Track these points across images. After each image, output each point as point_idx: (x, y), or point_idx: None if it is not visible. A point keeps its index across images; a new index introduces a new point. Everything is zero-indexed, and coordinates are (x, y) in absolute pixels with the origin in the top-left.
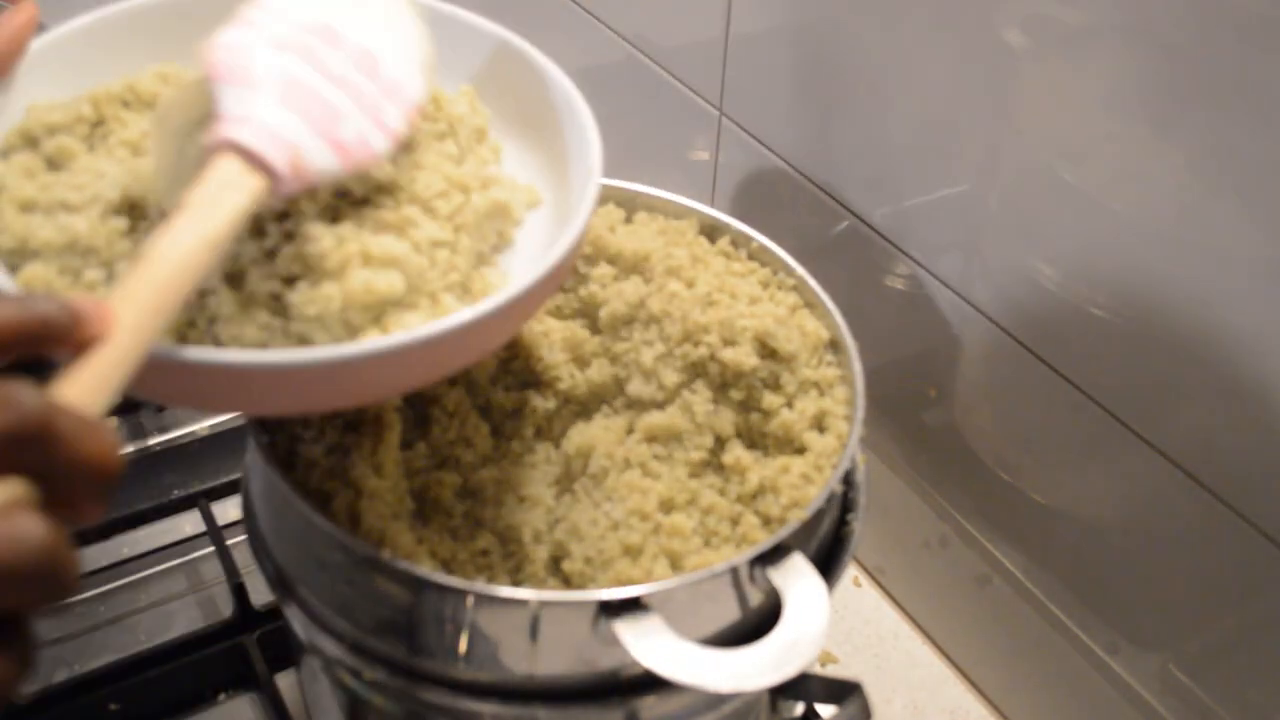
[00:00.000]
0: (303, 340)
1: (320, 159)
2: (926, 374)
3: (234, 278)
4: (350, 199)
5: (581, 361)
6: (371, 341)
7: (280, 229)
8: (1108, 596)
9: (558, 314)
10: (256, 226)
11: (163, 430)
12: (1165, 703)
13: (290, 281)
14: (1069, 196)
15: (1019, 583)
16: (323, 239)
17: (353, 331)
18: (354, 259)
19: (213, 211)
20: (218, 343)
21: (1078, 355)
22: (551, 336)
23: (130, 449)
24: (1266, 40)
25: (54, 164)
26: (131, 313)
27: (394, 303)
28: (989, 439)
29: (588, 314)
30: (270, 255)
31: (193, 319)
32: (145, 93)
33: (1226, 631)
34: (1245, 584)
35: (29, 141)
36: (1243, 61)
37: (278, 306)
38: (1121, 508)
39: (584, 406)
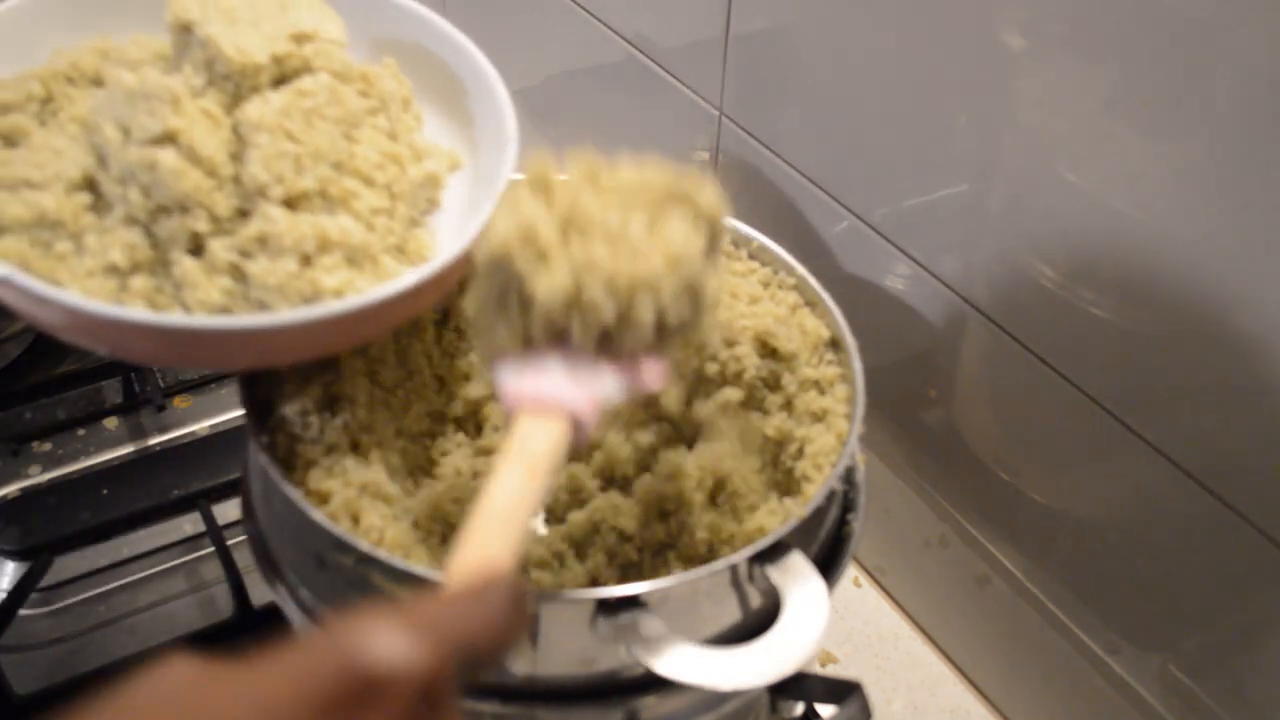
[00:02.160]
0: (261, 305)
1: (613, 389)
2: (926, 374)
3: (196, 249)
4: (304, 190)
5: None
6: (331, 305)
7: (237, 211)
8: (1108, 596)
9: None
10: (212, 215)
11: (163, 430)
12: (1165, 703)
13: (247, 254)
14: (1069, 196)
15: (1019, 583)
16: (279, 220)
17: (305, 297)
18: (307, 238)
19: (537, 461)
20: (185, 307)
21: (1078, 355)
22: None
23: (130, 449)
24: (1267, 41)
25: (9, 141)
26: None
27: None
28: (989, 439)
29: None
30: (228, 232)
31: (159, 285)
32: (88, 69)
33: (1226, 631)
34: (1245, 584)
35: None
36: (1242, 61)
37: (237, 274)
38: (1121, 508)
39: None
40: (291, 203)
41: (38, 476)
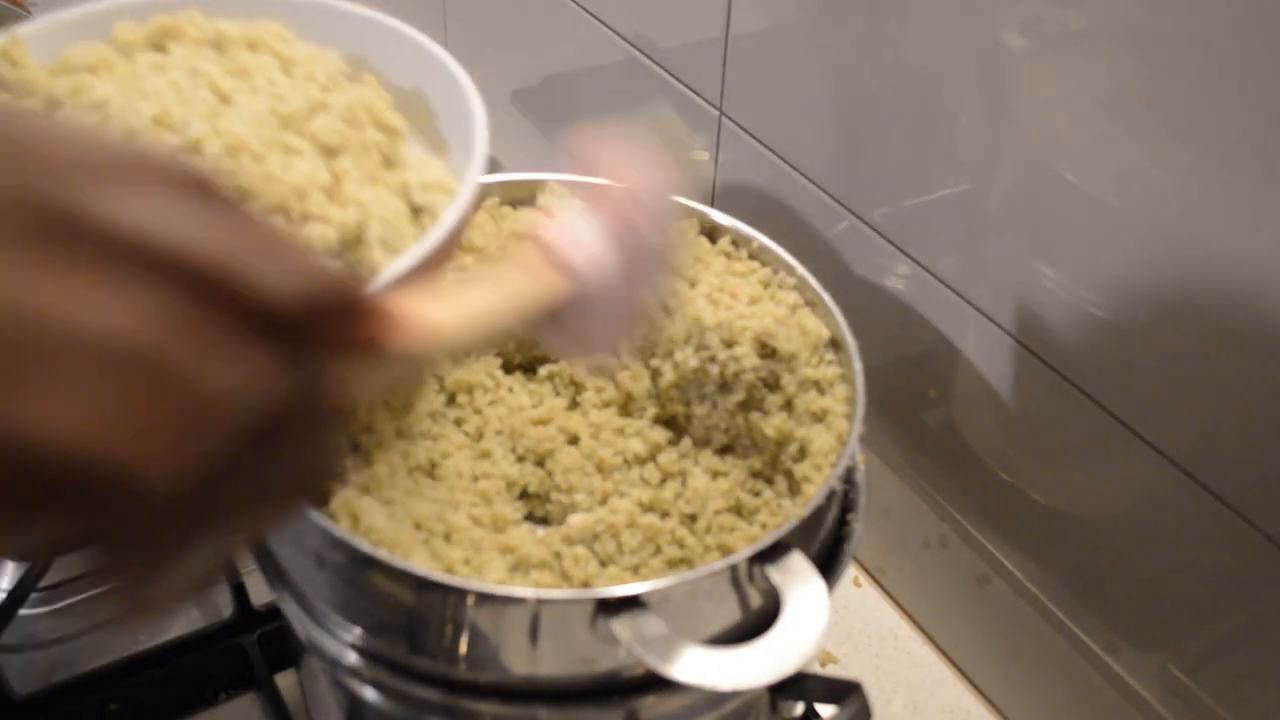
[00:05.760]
0: None
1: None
2: (926, 374)
3: None
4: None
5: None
6: None
7: None
8: (1108, 596)
9: None
10: None
11: None
12: (1165, 703)
13: None
14: (1069, 196)
15: (1019, 583)
16: None
17: None
18: None
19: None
20: None
21: (1078, 355)
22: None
23: None
24: (1266, 39)
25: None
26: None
27: None
28: (989, 439)
29: None
30: None
31: None
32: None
33: (1226, 631)
34: (1245, 584)
35: None
36: (1242, 61)
37: None
38: (1121, 508)
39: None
40: None
41: None
